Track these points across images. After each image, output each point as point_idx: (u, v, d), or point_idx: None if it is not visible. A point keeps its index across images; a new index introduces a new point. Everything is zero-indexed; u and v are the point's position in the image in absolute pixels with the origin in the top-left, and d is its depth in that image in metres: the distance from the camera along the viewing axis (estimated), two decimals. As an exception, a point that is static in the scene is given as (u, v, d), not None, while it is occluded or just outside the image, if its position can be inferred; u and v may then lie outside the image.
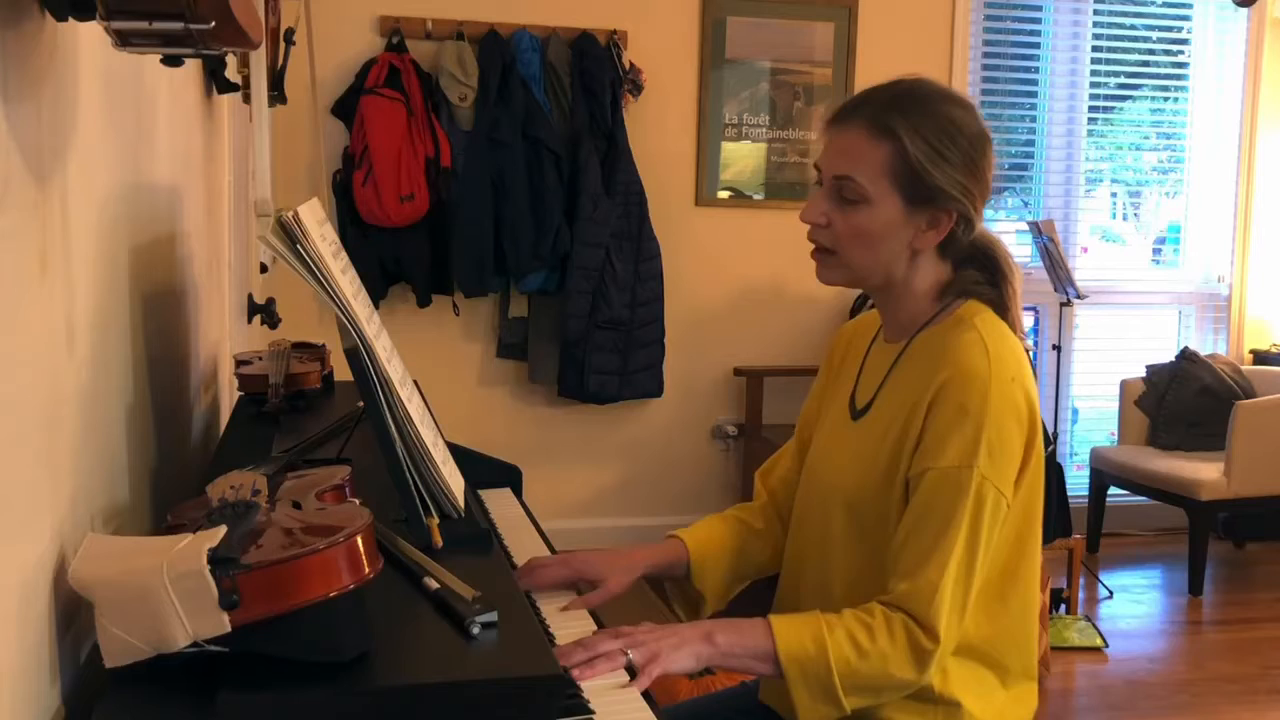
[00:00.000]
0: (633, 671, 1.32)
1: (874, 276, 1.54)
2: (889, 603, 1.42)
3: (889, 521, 1.48)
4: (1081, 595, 4.22)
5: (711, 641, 1.40)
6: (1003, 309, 1.54)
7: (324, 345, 2.30)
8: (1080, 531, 4.35)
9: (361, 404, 1.48)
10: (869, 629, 1.40)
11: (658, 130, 4.73)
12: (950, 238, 1.52)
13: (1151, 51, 5.41)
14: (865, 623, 1.41)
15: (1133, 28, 5.33)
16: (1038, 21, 5.19)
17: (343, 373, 1.53)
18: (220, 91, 2.37)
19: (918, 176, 1.46)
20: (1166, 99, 5.47)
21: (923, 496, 1.43)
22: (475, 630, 1.07)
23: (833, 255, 1.53)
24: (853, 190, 1.48)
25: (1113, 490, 4.90)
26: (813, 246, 1.55)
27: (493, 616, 1.09)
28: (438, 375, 4.22)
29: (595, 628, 1.44)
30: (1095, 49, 5.24)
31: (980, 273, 1.55)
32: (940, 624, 1.39)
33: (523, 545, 1.68)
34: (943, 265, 1.55)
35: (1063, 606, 4.03)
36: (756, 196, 4.89)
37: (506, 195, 4.39)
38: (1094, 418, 5.47)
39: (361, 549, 0.97)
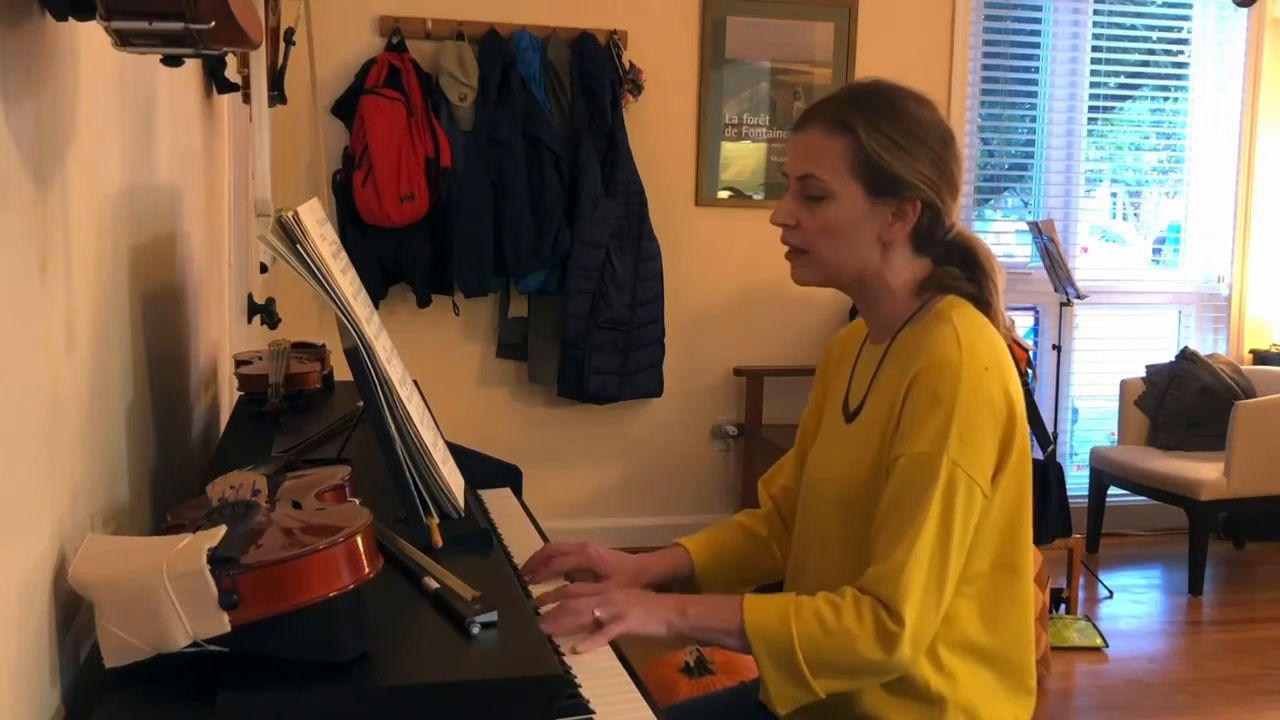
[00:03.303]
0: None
1: (846, 273, 1.55)
2: (862, 586, 1.44)
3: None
4: (1081, 595, 4.22)
5: (684, 614, 1.45)
6: (984, 304, 1.55)
7: (324, 345, 2.31)
8: (1080, 531, 4.34)
9: (361, 404, 1.48)
10: (836, 608, 1.42)
11: (658, 130, 4.73)
12: (924, 233, 1.53)
13: (1151, 51, 5.41)
14: (834, 603, 1.43)
15: (1133, 28, 5.33)
16: (1038, 21, 5.19)
17: (343, 373, 1.53)
18: (220, 91, 2.37)
19: (877, 167, 1.48)
20: (1166, 99, 5.47)
21: (895, 483, 1.45)
22: (475, 630, 1.07)
23: (805, 254, 1.56)
24: (816, 187, 1.51)
25: (1113, 490, 4.90)
26: (787, 249, 1.58)
27: (493, 616, 1.09)
28: (438, 375, 4.22)
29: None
30: (1095, 49, 5.24)
31: (960, 269, 1.56)
32: (905, 607, 1.40)
33: (523, 545, 1.68)
34: (919, 261, 1.56)
35: (1063, 606, 4.03)
36: (756, 196, 4.89)
37: (506, 195, 4.39)
38: (1094, 418, 5.46)
39: (361, 549, 0.97)
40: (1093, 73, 5.24)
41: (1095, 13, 5.20)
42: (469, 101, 4.40)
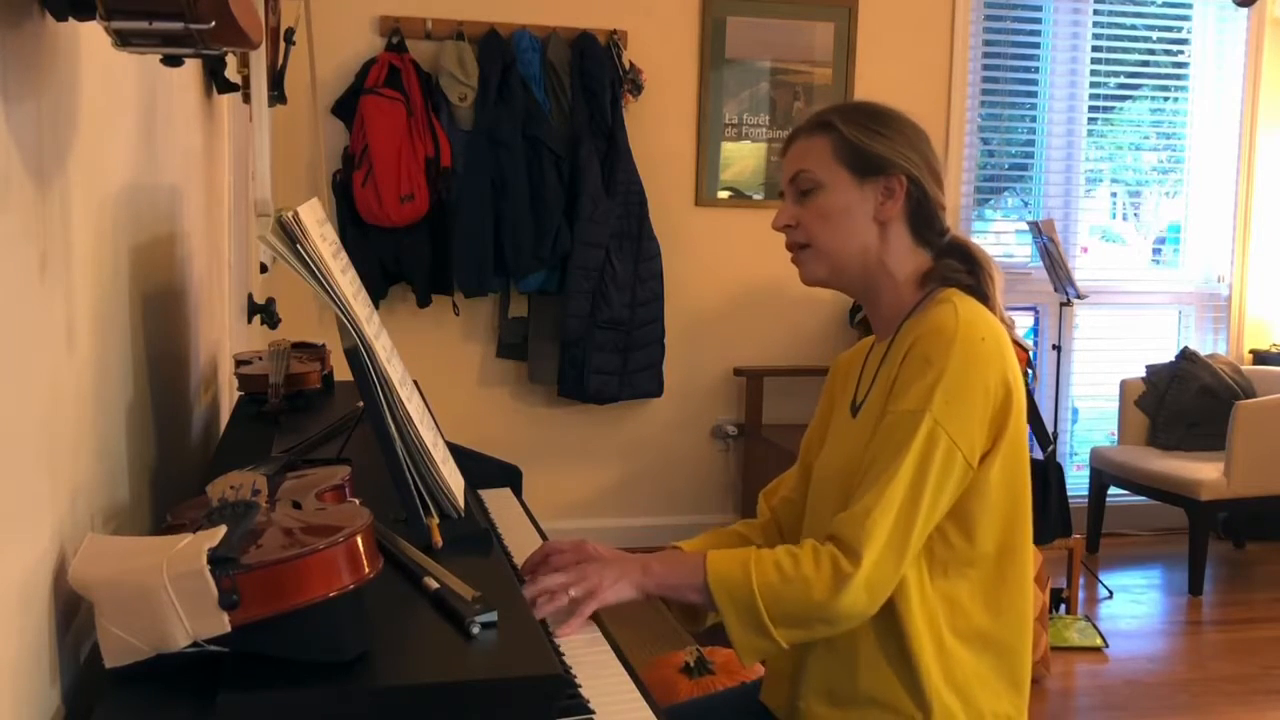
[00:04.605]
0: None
1: (850, 260, 1.61)
2: (827, 533, 1.49)
3: None
4: (1081, 595, 4.22)
5: (648, 572, 1.51)
6: (982, 296, 1.60)
7: (324, 345, 2.30)
8: (1080, 531, 4.35)
9: (361, 404, 1.48)
10: (795, 557, 1.47)
11: (658, 130, 4.73)
12: (917, 216, 1.60)
13: (1151, 51, 5.41)
14: (793, 553, 1.48)
15: (1133, 28, 5.33)
16: (1038, 21, 5.19)
17: (343, 373, 1.53)
18: (220, 91, 2.37)
19: (858, 150, 1.58)
20: (1166, 99, 5.47)
21: (879, 437, 1.50)
22: (475, 630, 1.07)
23: (808, 248, 1.62)
24: (806, 180, 1.61)
25: (1113, 490, 4.90)
26: (792, 253, 1.65)
27: (493, 616, 1.09)
28: (438, 375, 4.23)
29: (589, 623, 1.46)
30: (1095, 49, 5.24)
31: (959, 262, 1.62)
32: (865, 548, 1.43)
33: (523, 545, 1.68)
34: (920, 253, 1.62)
35: (1063, 606, 4.03)
36: (756, 196, 4.89)
37: (506, 195, 4.40)
38: (1094, 418, 5.47)
39: (361, 549, 0.97)
40: (1093, 73, 5.24)
41: (1095, 13, 5.20)
42: (469, 101, 4.40)
